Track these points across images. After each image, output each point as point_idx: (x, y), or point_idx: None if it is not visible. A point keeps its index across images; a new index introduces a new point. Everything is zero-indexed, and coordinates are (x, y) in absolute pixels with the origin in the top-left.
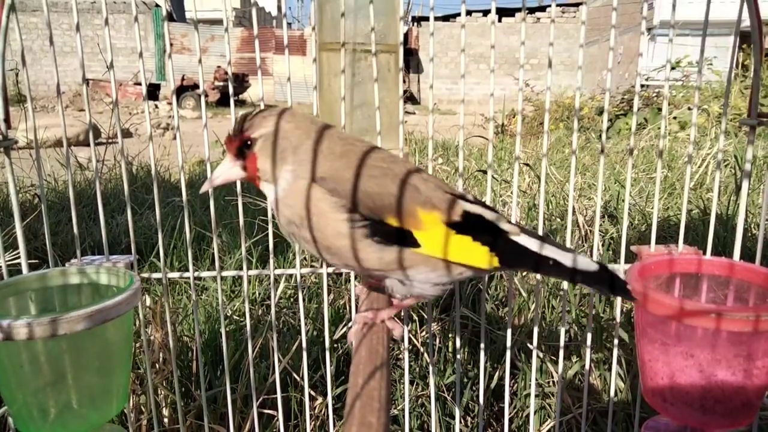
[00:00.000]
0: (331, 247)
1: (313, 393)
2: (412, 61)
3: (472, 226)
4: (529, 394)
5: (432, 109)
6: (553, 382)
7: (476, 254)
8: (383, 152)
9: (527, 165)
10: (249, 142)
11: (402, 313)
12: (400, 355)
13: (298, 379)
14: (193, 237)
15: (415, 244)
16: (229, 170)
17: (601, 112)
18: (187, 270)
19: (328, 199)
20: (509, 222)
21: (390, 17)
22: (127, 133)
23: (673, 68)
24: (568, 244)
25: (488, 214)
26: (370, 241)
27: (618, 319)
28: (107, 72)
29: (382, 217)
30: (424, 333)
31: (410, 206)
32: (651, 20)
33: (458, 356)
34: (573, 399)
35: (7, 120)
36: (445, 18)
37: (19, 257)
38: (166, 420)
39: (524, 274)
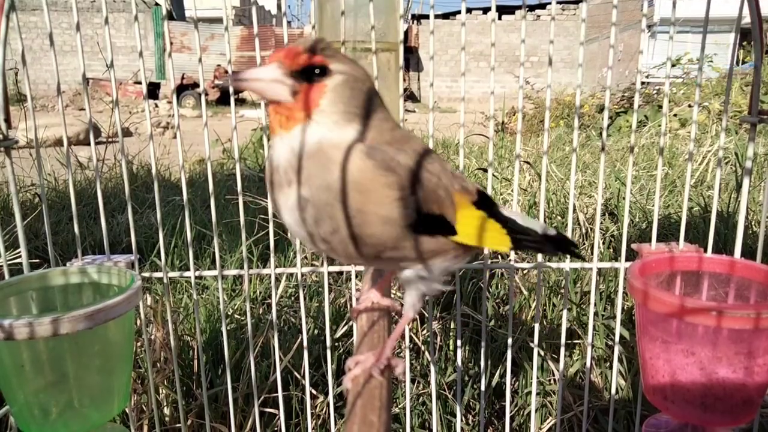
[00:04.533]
0: (371, 236)
1: (314, 392)
2: (412, 59)
3: (486, 206)
4: (530, 392)
5: (432, 107)
6: (554, 380)
7: (499, 236)
8: (421, 140)
9: (528, 163)
10: (320, 70)
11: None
12: (401, 354)
13: (299, 377)
14: (193, 236)
15: (452, 231)
16: (273, 83)
17: (601, 110)
18: (187, 269)
19: (384, 177)
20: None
21: (390, 15)
22: (127, 132)
23: (673, 65)
24: None
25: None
26: (409, 232)
27: (618, 317)
28: (107, 71)
29: (430, 208)
30: (425, 331)
31: (450, 192)
32: (651, 17)
33: (459, 354)
34: (574, 397)
35: (7, 119)
36: (445, 16)
37: (20, 257)
38: (167, 419)
39: (525, 272)
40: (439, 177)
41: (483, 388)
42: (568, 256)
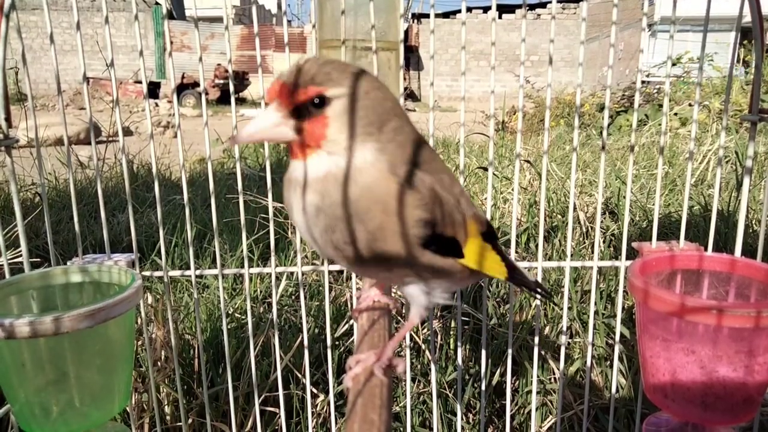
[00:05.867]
0: (385, 252)
1: (314, 390)
2: (412, 59)
3: (490, 237)
4: (530, 391)
5: (432, 106)
6: (555, 379)
7: (498, 266)
8: (435, 152)
9: (528, 162)
10: (318, 101)
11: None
12: (402, 353)
13: (299, 376)
14: (194, 235)
15: (459, 254)
16: (274, 127)
17: (601, 109)
18: (188, 268)
19: (411, 197)
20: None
21: (390, 14)
22: (127, 132)
23: (674, 64)
24: (569, 241)
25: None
26: (423, 250)
27: (619, 316)
28: (107, 70)
29: (444, 229)
30: (425, 330)
31: (465, 217)
32: (651, 16)
33: (459, 353)
34: (574, 396)
35: (8, 119)
36: (446, 15)
37: (20, 256)
38: (168, 418)
39: (525, 270)
40: (458, 200)
41: (483, 387)
42: (569, 255)
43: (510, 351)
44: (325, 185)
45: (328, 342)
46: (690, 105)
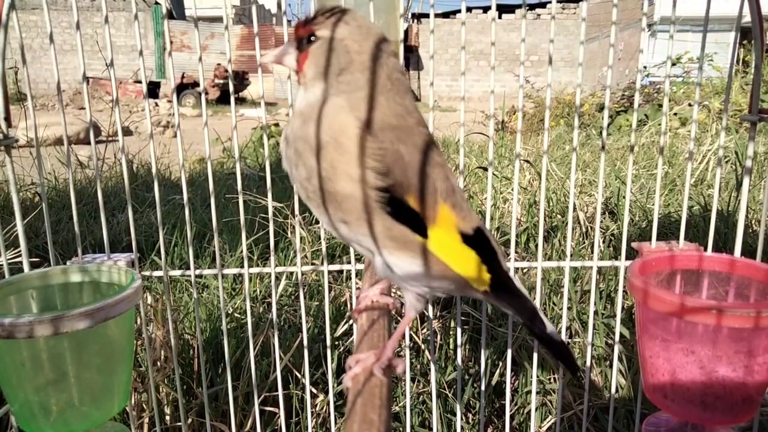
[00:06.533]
0: (338, 194)
1: (314, 390)
2: (412, 58)
3: (478, 244)
4: (530, 391)
5: (432, 106)
6: (554, 378)
7: (471, 266)
8: (429, 133)
9: (528, 162)
10: (312, 38)
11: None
12: (401, 353)
13: (299, 376)
14: (193, 235)
15: (423, 234)
16: (284, 54)
17: (601, 109)
18: (187, 268)
19: (367, 141)
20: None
21: (390, 14)
22: (127, 131)
23: (673, 64)
24: (569, 241)
25: (495, 246)
26: (381, 211)
27: (618, 315)
28: (107, 70)
29: (405, 195)
30: (425, 330)
31: (436, 198)
32: (651, 16)
33: (459, 353)
34: (574, 395)
35: (7, 118)
36: (445, 15)
37: (20, 255)
38: (167, 418)
39: (525, 270)
40: (435, 183)
41: (483, 386)
42: (569, 255)
43: (510, 351)
44: (296, 120)
45: (328, 342)
46: (690, 105)
